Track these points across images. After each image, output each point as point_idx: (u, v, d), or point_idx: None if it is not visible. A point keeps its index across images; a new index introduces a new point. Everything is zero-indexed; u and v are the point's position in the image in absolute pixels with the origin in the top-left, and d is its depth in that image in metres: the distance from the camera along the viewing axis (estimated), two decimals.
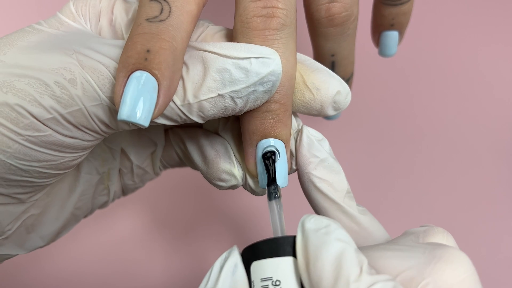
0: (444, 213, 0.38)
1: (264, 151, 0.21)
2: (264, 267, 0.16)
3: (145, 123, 0.17)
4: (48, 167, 0.19)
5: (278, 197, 0.20)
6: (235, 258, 0.17)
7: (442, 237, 0.18)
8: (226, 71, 0.18)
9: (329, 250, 0.15)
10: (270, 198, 0.20)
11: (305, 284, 0.16)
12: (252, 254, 0.17)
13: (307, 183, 0.21)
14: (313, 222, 0.16)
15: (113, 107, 0.18)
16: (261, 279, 0.16)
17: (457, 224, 0.38)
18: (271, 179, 0.20)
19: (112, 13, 0.21)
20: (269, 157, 0.20)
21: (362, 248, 0.17)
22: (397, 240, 0.19)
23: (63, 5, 0.22)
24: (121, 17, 0.21)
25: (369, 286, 0.14)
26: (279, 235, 0.19)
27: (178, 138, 0.24)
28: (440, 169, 0.40)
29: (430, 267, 0.16)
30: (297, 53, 0.21)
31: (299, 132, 0.22)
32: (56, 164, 0.19)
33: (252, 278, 0.16)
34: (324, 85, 0.21)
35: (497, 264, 0.36)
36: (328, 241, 0.15)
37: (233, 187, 0.23)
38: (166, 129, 0.25)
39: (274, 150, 0.21)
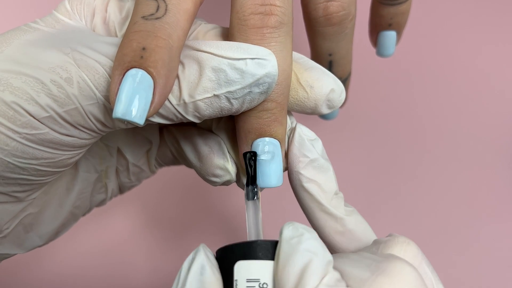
0: (444, 212, 0.38)
1: (244, 151, 0.21)
2: (251, 268, 0.16)
3: (141, 121, 0.16)
4: (46, 165, 0.19)
5: (257, 198, 0.20)
6: (201, 259, 0.17)
7: (400, 248, 0.18)
8: (222, 71, 0.18)
9: (295, 260, 0.16)
10: (248, 197, 0.20)
11: None
12: (238, 253, 0.17)
13: (295, 181, 0.21)
14: (290, 229, 0.17)
15: (109, 106, 0.18)
16: (247, 279, 0.16)
17: (457, 223, 0.38)
18: (251, 179, 0.20)
19: (106, 11, 0.21)
20: (250, 157, 0.20)
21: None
22: (364, 250, 0.20)
23: (59, 4, 0.22)
24: (115, 15, 0.21)
25: None
26: (253, 236, 0.19)
27: (172, 136, 0.24)
28: (439, 168, 0.40)
29: (370, 280, 0.16)
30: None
31: (292, 130, 0.22)
32: (54, 162, 0.19)
33: (236, 277, 0.16)
34: (318, 83, 0.21)
35: (497, 264, 0.36)
36: (297, 251, 0.16)
37: (227, 182, 0.23)
38: (161, 127, 0.25)
39: (255, 151, 0.21)
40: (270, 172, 0.21)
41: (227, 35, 0.21)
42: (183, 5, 0.18)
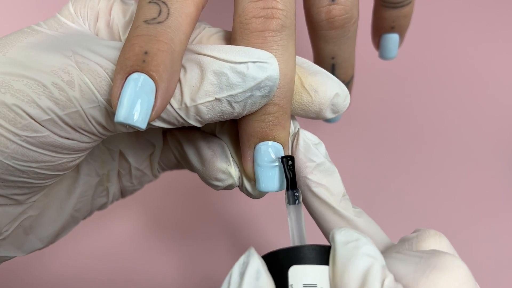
0: (444, 214, 0.38)
1: (281, 156, 0.21)
2: (308, 272, 0.16)
3: (142, 125, 0.16)
4: (46, 168, 0.19)
5: (299, 202, 0.20)
6: (257, 263, 0.16)
7: (434, 241, 0.19)
8: (223, 75, 0.18)
9: (356, 265, 0.15)
10: (289, 202, 0.20)
11: None
12: (292, 258, 0.16)
13: (303, 187, 0.21)
14: (343, 234, 0.17)
15: (110, 109, 0.18)
16: (304, 284, 0.16)
17: (457, 225, 0.38)
18: (291, 183, 0.20)
19: (110, 14, 0.21)
20: (287, 161, 0.20)
21: None
22: (393, 248, 0.19)
23: (63, 7, 0.22)
24: (119, 19, 0.21)
25: None
26: (297, 241, 0.19)
27: (175, 139, 0.24)
28: (440, 171, 0.40)
29: (425, 276, 0.16)
30: (296, 56, 0.21)
31: (296, 135, 0.21)
32: (54, 165, 0.19)
33: (291, 282, 0.16)
34: (322, 87, 0.20)
35: (497, 265, 0.36)
36: (357, 255, 0.16)
37: (229, 187, 0.23)
38: (164, 131, 0.25)
39: (293, 155, 0.21)
40: (274, 176, 0.21)
41: (230, 39, 0.21)
42: (185, 9, 0.18)
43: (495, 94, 0.42)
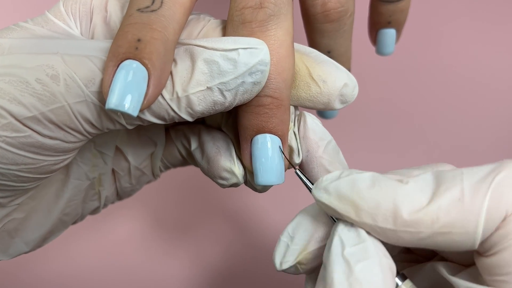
0: None
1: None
2: None
3: (134, 113, 0.16)
4: (27, 171, 0.18)
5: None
6: None
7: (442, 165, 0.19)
8: (214, 63, 0.18)
9: None
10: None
11: None
12: None
13: (317, 168, 0.21)
14: None
15: (98, 104, 0.18)
16: None
17: None
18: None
19: (106, 10, 0.21)
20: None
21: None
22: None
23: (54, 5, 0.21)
24: (116, 14, 0.21)
25: None
26: None
27: (181, 134, 0.24)
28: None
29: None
30: (302, 46, 0.21)
31: (300, 119, 0.21)
32: (35, 167, 0.18)
33: None
34: (331, 77, 0.20)
35: None
36: None
37: (235, 185, 0.23)
38: (167, 127, 0.25)
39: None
40: (272, 169, 0.20)
41: None
42: None
43: (494, 89, 0.42)
